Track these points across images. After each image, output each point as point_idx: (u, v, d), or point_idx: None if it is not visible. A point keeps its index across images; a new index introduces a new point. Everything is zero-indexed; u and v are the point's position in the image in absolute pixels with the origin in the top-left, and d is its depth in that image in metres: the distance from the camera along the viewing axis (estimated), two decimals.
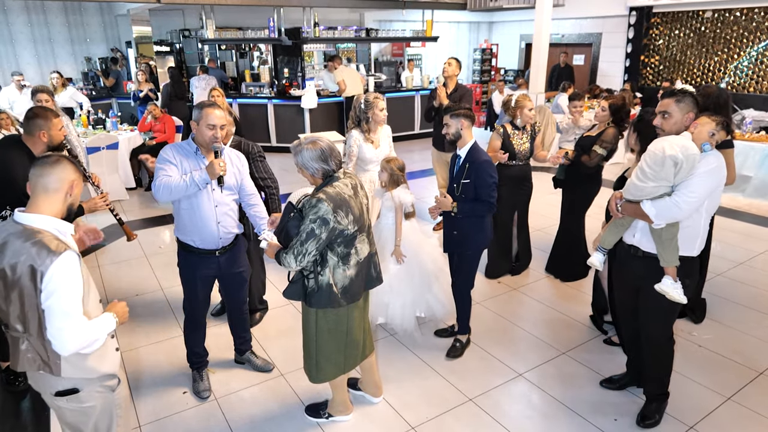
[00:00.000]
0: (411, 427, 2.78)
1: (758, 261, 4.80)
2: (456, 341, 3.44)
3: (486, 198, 3.08)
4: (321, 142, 2.33)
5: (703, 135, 2.42)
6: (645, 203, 2.44)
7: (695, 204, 2.36)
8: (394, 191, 3.42)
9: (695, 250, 2.53)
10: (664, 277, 2.51)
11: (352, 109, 3.99)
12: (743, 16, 9.02)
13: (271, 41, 9.45)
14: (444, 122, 3.18)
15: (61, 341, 1.74)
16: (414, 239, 3.54)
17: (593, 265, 2.90)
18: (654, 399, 2.81)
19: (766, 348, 3.46)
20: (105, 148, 6.34)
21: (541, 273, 4.58)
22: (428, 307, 3.62)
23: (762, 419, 2.81)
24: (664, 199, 2.39)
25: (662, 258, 2.50)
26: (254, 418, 2.84)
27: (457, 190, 3.17)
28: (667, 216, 2.39)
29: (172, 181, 2.59)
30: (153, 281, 4.39)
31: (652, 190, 2.41)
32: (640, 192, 2.46)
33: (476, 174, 3.07)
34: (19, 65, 10.12)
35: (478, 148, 3.15)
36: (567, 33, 11.78)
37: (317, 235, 2.22)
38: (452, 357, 3.37)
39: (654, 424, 2.76)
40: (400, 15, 11.33)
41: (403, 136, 10.34)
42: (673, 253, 2.48)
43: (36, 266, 1.69)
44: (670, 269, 2.50)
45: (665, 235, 2.47)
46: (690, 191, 2.34)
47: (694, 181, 2.34)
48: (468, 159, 3.13)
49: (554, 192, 4.50)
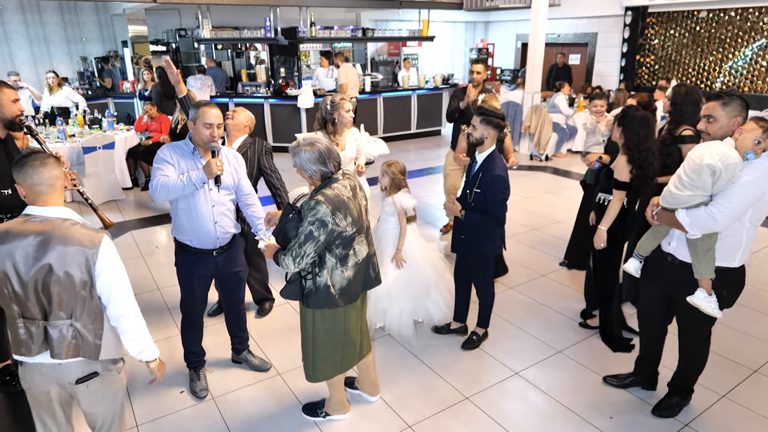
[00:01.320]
0: (408, 425, 2.79)
1: (754, 259, 4.83)
2: (473, 333, 3.51)
3: (494, 212, 3.06)
4: (319, 144, 2.33)
5: (747, 142, 2.26)
6: (680, 212, 2.34)
7: (733, 215, 2.23)
8: (395, 196, 3.40)
9: (736, 262, 2.42)
10: (698, 290, 2.43)
11: (319, 111, 3.91)
12: (738, 16, 9.06)
13: (268, 41, 9.44)
14: (472, 122, 3.13)
15: (128, 310, 1.99)
16: (414, 244, 3.52)
17: (629, 271, 2.82)
18: (677, 393, 2.82)
19: (761, 346, 3.49)
20: (101, 147, 6.32)
21: (538, 272, 4.60)
22: (427, 313, 3.61)
23: (757, 417, 2.84)
24: (700, 209, 2.28)
25: (696, 269, 2.41)
26: (251, 418, 2.84)
27: (470, 196, 3.14)
28: (701, 226, 2.28)
29: (170, 180, 2.59)
30: (150, 281, 4.39)
31: (688, 198, 2.31)
32: (675, 200, 2.36)
33: (488, 187, 3.04)
34: (14, 65, 10.07)
35: (494, 159, 3.09)
36: (563, 33, 11.81)
37: (316, 237, 2.23)
38: (468, 348, 3.44)
39: (669, 415, 2.78)
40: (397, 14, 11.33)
41: (400, 136, 10.34)
42: (707, 265, 2.37)
43: (86, 251, 1.85)
44: (705, 282, 2.41)
45: (701, 246, 2.36)
46: (727, 202, 2.21)
47: (733, 191, 2.21)
48: (482, 168, 3.09)
49: (552, 192, 4.52)
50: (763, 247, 5.11)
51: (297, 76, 10.26)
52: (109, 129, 7.07)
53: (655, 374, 3.01)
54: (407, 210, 3.42)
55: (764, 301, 4.08)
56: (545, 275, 4.54)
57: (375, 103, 9.84)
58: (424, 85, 10.57)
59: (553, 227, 5.62)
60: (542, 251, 4.88)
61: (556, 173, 7.94)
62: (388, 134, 9.99)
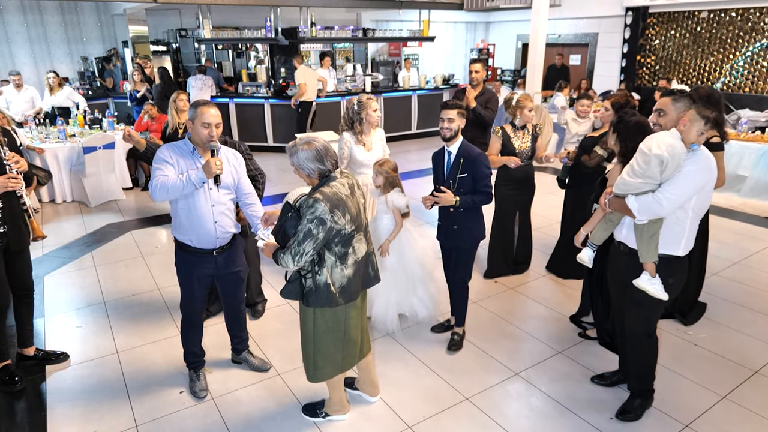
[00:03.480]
0: (407, 426, 2.78)
1: (753, 260, 4.83)
2: (454, 334, 3.51)
3: (484, 189, 3.20)
4: (316, 143, 2.33)
5: (691, 134, 2.42)
6: (629, 198, 2.49)
7: (677, 202, 2.39)
8: (388, 195, 3.42)
9: (680, 250, 2.54)
10: (642, 273, 2.56)
11: (345, 111, 3.94)
12: (738, 17, 9.06)
13: (268, 41, 9.44)
14: (447, 116, 3.18)
15: None
16: (404, 239, 3.54)
17: (582, 261, 2.94)
18: (637, 395, 2.83)
19: (761, 346, 3.48)
20: (101, 147, 6.32)
21: (538, 273, 4.59)
22: (412, 308, 3.64)
23: (757, 418, 2.83)
24: (648, 196, 2.43)
25: (641, 254, 2.54)
26: (251, 418, 2.84)
27: (453, 185, 3.22)
28: (648, 212, 2.43)
29: (169, 180, 2.59)
30: (150, 281, 4.38)
31: (639, 185, 2.46)
32: (627, 187, 2.51)
33: (474, 167, 3.17)
34: (15, 65, 10.08)
35: (468, 144, 3.26)
36: (563, 33, 11.80)
37: (314, 235, 2.23)
38: (454, 350, 3.43)
39: (632, 419, 2.79)
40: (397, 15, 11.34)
41: (400, 136, 10.35)
42: (651, 249, 2.52)
43: None
44: (649, 265, 2.54)
45: (646, 232, 2.51)
46: (672, 189, 2.38)
47: (677, 180, 2.38)
48: (461, 154, 3.22)
49: (553, 192, 4.52)
50: (762, 248, 5.10)
51: None
52: (109, 129, 7.08)
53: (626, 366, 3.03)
54: (400, 208, 3.44)
55: (764, 302, 4.07)
56: (545, 275, 4.54)
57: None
58: (425, 86, 10.57)
59: (553, 228, 5.60)
60: (543, 252, 4.88)
61: (557, 173, 7.92)
62: (388, 134, 9.88)
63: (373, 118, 3.86)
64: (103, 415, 2.85)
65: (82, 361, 3.33)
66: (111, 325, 3.75)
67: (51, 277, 4.50)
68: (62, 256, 4.90)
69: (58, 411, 2.89)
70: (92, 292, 4.22)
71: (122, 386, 3.09)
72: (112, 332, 3.66)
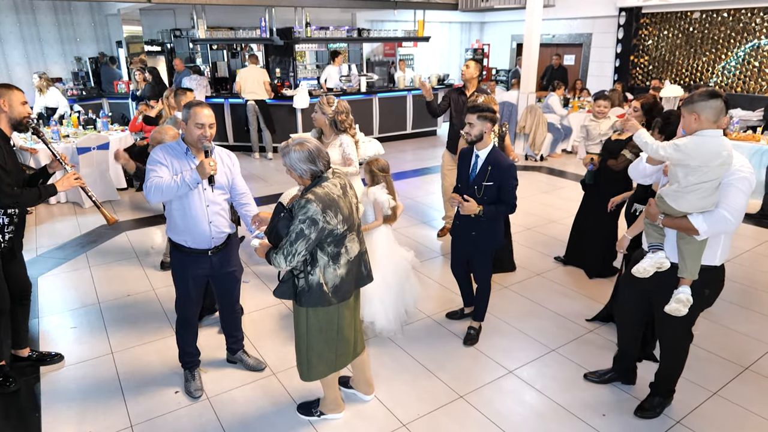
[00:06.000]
0: (402, 424, 2.80)
1: (744, 258, 4.87)
2: (470, 329, 3.58)
3: (510, 200, 3.19)
4: (308, 144, 2.34)
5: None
6: (695, 216, 2.38)
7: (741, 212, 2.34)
8: (370, 188, 3.44)
9: (717, 260, 2.48)
10: (683, 287, 2.47)
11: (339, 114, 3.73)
12: (730, 17, 9.13)
13: (263, 41, 9.43)
14: (468, 121, 3.17)
15: None
16: (381, 245, 3.45)
17: (639, 274, 2.59)
18: (659, 394, 2.84)
19: (752, 343, 3.52)
20: (95, 148, 6.30)
21: (531, 271, 4.62)
22: (371, 314, 3.43)
23: (748, 414, 2.86)
24: (715, 212, 2.36)
25: (685, 269, 2.46)
26: (246, 417, 2.85)
27: (479, 191, 3.19)
28: (717, 229, 2.36)
29: (163, 182, 2.60)
30: (144, 281, 4.38)
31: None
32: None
33: (502, 178, 3.14)
34: (8, 65, 10.03)
35: (499, 152, 3.22)
36: (557, 33, 11.86)
37: (306, 235, 2.24)
38: (470, 344, 3.50)
39: (650, 416, 2.81)
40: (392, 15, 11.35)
41: (395, 136, 10.36)
42: (696, 264, 2.45)
43: None
44: (686, 279, 2.48)
45: (697, 247, 2.44)
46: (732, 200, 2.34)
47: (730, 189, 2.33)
48: (491, 162, 3.18)
49: (548, 192, 4.54)
50: (753, 246, 5.15)
51: (292, 77, 10.26)
52: (103, 129, 7.05)
53: (633, 368, 3.05)
54: (382, 204, 3.39)
55: (754, 298, 4.12)
56: (540, 274, 4.56)
57: (370, 103, 9.86)
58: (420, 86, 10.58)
59: (548, 227, 5.64)
60: (537, 251, 4.91)
61: (551, 173, 7.97)
62: (383, 134, 10.00)
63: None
64: (98, 416, 2.85)
65: (76, 362, 3.33)
66: (106, 326, 3.74)
67: (45, 278, 4.49)
68: (56, 257, 4.89)
69: (53, 412, 2.89)
70: (87, 293, 4.21)
71: (117, 386, 3.09)
72: (107, 333, 3.66)
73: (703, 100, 2.28)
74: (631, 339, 2.95)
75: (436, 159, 8.43)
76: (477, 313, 3.58)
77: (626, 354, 3.02)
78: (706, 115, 2.28)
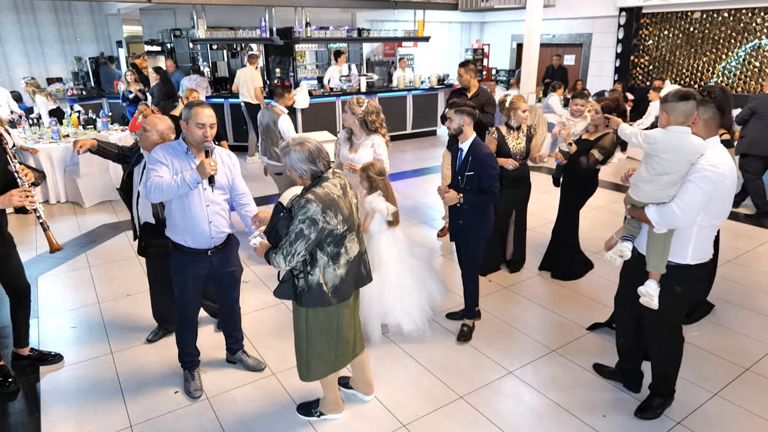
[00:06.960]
0: (402, 425, 2.80)
1: (745, 259, 4.87)
2: (463, 326, 3.59)
3: (489, 188, 3.26)
4: (309, 144, 2.34)
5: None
6: (649, 208, 2.51)
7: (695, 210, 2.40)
8: (368, 197, 3.37)
9: (688, 258, 2.52)
10: (648, 280, 2.58)
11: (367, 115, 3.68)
12: (731, 17, 9.13)
13: (263, 41, 9.43)
14: (447, 116, 3.32)
15: None
16: (391, 249, 3.45)
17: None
18: (658, 395, 2.84)
19: (753, 344, 3.52)
20: None
21: (532, 272, 4.61)
22: (395, 319, 3.48)
23: (749, 414, 2.86)
24: (667, 206, 2.45)
25: (650, 263, 2.56)
26: (246, 418, 2.85)
27: (462, 182, 3.32)
28: (667, 222, 2.44)
29: (164, 181, 2.59)
30: (144, 281, 4.36)
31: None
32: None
33: (480, 166, 3.24)
34: (8, 65, 10.03)
35: (479, 142, 3.34)
36: (558, 33, 11.85)
37: (306, 235, 2.24)
38: (463, 341, 3.51)
39: (651, 417, 2.81)
40: (392, 15, 11.34)
41: (396, 136, 10.35)
42: (662, 259, 2.53)
43: None
44: (654, 274, 2.57)
45: (660, 241, 2.52)
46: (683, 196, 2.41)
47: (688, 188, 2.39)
48: (471, 152, 3.29)
49: (547, 192, 4.54)
50: (754, 247, 5.15)
51: (292, 77, 10.25)
52: (103, 129, 7.05)
53: (638, 374, 3.03)
54: (381, 212, 3.37)
55: (755, 299, 4.11)
56: (539, 275, 4.56)
57: None
58: (420, 86, 10.58)
59: (547, 227, 5.61)
60: (537, 251, 4.90)
61: (551, 173, 7.95)
62: None
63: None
64: (98, 416, 2.85)
65: (76, 362, 3.32)
66: (105, 326, 3.74)
67: (45, 277, 4.49)
68: (56, 257, 4.88)
69: (53, 411, 2.88)
70: (86, 293, 4.21)
71: (117, 386, 3.09)
72: (107, 333, 3.66)
73: (674, 101, 2.42)
74: (628, 332, 2.94)
75: (436, 159, 8.43)
76: (466, 310, 3.59)
77: (625, 349, 3.01)
78: (675, 115, 2.43)
